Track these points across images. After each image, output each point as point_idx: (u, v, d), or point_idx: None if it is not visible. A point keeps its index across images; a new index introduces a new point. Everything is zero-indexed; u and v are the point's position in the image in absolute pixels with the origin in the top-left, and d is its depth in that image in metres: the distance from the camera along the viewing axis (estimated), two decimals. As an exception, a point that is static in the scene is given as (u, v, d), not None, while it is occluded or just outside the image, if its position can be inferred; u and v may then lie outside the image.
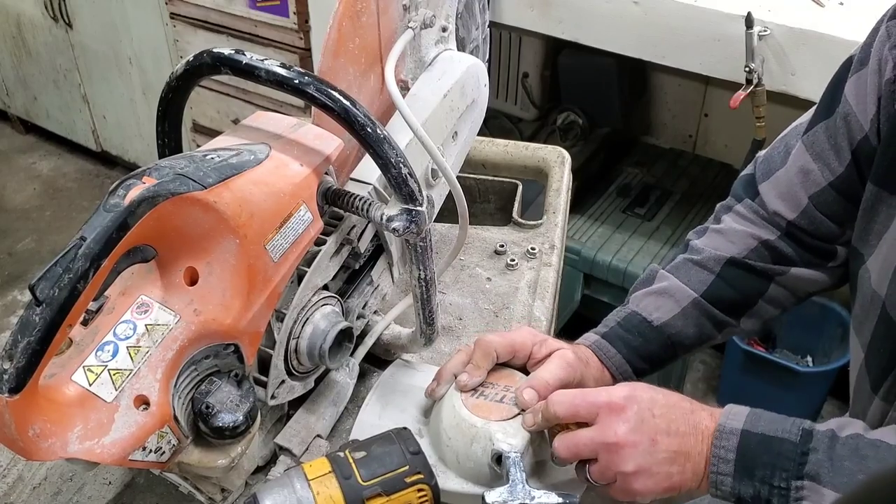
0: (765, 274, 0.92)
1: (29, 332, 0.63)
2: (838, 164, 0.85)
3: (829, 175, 0.86)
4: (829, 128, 0.85)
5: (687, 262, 0.94)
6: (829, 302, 2.06)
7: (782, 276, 0.92)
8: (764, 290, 0.93)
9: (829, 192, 0.86)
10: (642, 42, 1.67)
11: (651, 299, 0.94)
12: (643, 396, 0.75)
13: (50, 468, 0.93)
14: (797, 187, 0.89)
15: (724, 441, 0.73)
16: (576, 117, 2.31)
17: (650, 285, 0.95)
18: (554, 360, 0.84)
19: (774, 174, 0.91)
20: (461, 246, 0.99)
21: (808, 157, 0.87)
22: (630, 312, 0.94)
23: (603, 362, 0.90)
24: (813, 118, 0.88)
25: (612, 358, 0.91)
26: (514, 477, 0.75)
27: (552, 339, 0.89)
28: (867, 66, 0.80)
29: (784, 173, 0.90)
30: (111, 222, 0.66)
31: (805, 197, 0.88)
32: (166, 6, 2.43)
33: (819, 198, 0.88)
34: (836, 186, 0.86)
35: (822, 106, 0.87)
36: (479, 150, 1.35)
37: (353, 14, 0.87)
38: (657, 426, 0.74)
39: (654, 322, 0.92)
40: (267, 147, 0.80)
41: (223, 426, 0.74)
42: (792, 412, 0.76)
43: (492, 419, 0.81)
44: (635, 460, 0.73)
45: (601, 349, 0.91)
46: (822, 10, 1.53)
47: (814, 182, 0.87)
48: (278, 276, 0.77)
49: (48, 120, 3.30)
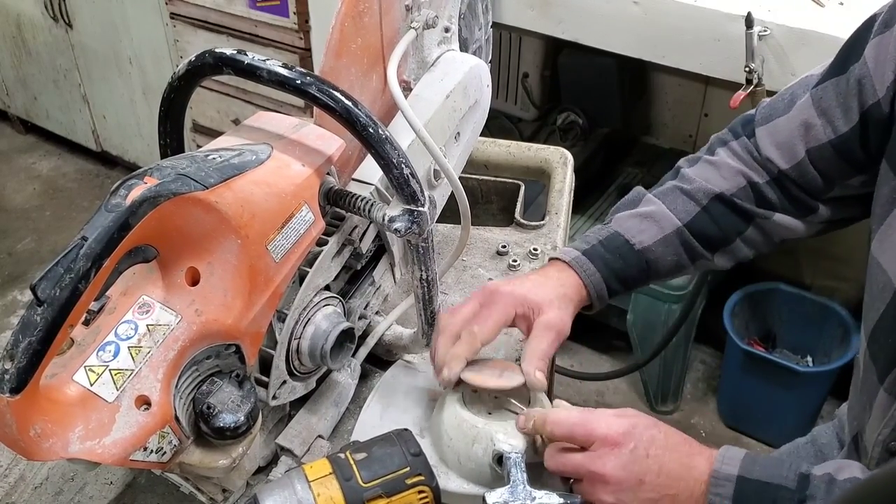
0: (747, 214, 0.92)
1: (30, 332, 0.63)
2: (843, 123, 0.84)
3: (832, 133, 0.85)
4: (840, 85, 0.84)
5: (675, 190, 0.94)
6: (829, 302, 2.06)
7: (763, 220, 0.93)
8: (743, 229, 0.93)
9: (827, 149, 0.86)
10: (642, 42, 1.67)
11: (635, 222, 0.93)
12: (642, 435, 0.73)
13: (51, 468, 0.93)
14: (796, 139, 0.88)
15: (720, 488, 0.71)
16: (576, 117, 2.31)
17: (635, 207, 0.95)
18: (540, 331, 0.84)
19: (774, 120, 0.91)
20: (463, 247, 0.99)
21: (813, 111, 0.86)
22: (613, 233, 0.93)
23: (581, 278, 0.90)
24: (825, 73, 0.87)
25: (591, 276, 0.90)
26: (515, 478, 0.75)
27: (528, 297, 0.87)
28: (891, 30, 0.78)
29: (785, 122, 0.90)
30: (113, 222, 0.66)
31: (802, 150, 0.88)
32: (166, 6, 2.43)
33: (816, 153, 0.87)
34: (837, 145, 0.85)
35: (836, 61, 0.86)
36: (482, 151, 1.35)
37: (356, 14, 0.87)
38: (648, 467, 0.72)
39: (636, 245, 0.92)
40: (269, 147, 0.80)
41: (224, 426, 0.74)
42: (792, 412, 0.76)
43: (491, 406, 0.81)
44: (617, 496, 0.72)
45: (581, 265, 0.91)
46: (822, 10, 1.53)
47: (814, 137, 0.87)
48: (280, 277, 0.77)
49: (48, 120, 3.29)
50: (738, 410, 2.19)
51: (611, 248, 0.92)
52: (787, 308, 2.13)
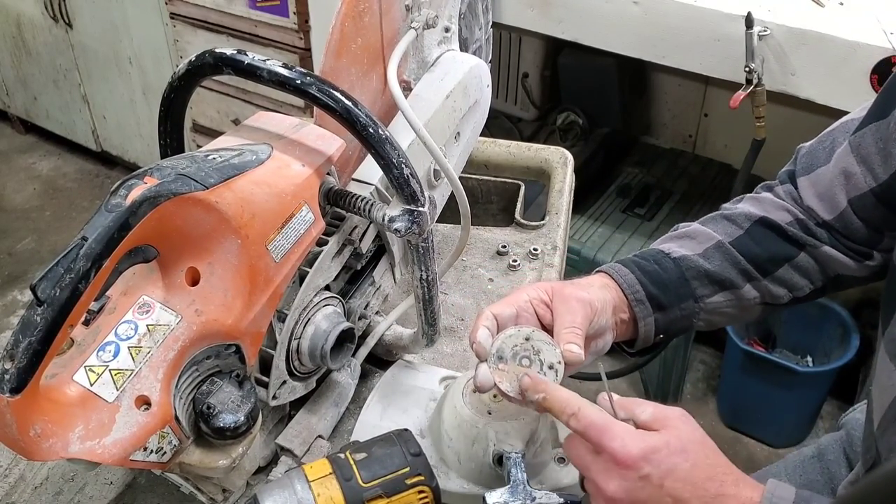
0: (796, 241, 0.87)
1: (30, 332, 0.63)
2: (883, 171, 0.80)
3: (872, 181, 0.82)
4: (881, 131, 0.80)
5: (717, 216, 0.90)
6: (829, 302, 2.06)
7: (814, 249, 0.87)
8: (792, 255, 0.87)
9: (868, 198, 0.82)
10: (642, 42, 1.67)
11: (672, 242, 0.89)
12: (661, 463, 0.65)
13: (51, 468, 0.93)
14: (837, 189, 0.85)
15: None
16: (576, 117, 2.31)
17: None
18: (561, 305, 0.78)
19: (816, 171, 0.87)
20: (463, 247, 0.99)
21: (852, 159, 0.83)
22: (648, 249, 0.90)
23: (616, 280, 0.85)
24: (865, 118, 0.84)
25: (624, 277, 0.85)
26: (515, 477, 0.75)
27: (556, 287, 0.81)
28: None
29: (825, 171, 0.86)
30: (113, 222, 0.66)
31: (844, 200, 0.84)
32: (166, 6, 2.43)
33: (858, 202, 0.84)
34: (878, 194, 0.82)
35: (876, 106, 0.83)
36: (482, 151, 1.35)
37: (356, 14, 0.87)
38: (658, 499, 0.65)
39: (672, 255, 0.87)
40: (269, 147, 0.80)
41: (224, 427, 0.74)
42: (792, 412, 0.74)
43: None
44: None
45: (614, 269, 0.86)
46: (822, 10, 1.53)
47: (855, 186, 0.83)
48: (280, 277, 0.77)
49: (48, 120, 3.30)
50: (737, 410, 2.19)
51: (644, 256, 0.88)
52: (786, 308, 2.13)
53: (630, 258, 0.88)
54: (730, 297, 0.88)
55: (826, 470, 0.97)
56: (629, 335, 0.87)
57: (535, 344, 0.75)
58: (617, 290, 0.84)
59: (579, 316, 0.77)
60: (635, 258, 0.88)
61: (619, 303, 0.84)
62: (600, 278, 0.86)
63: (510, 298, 0.80)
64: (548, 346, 0.75)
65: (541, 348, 0.75)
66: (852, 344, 1.96)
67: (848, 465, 0.96)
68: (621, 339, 0.87)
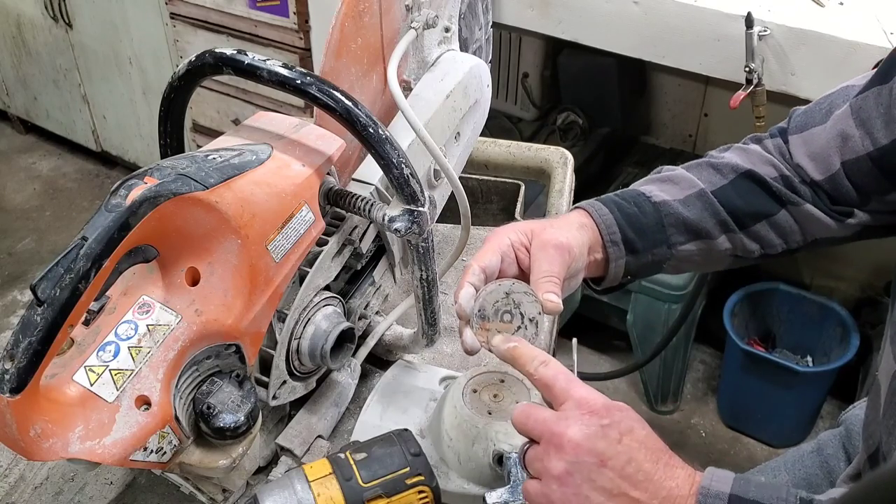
0: (778, 197, 0.87)
1: (30, 332, 0.63)
2: (883, 135, 0.80)
3: (870, 145, 0.81)
4: (882, 95, 0.80)
5: (702, 163, 0.90)
6: (828, 302, 2.06)
7: (795, 207, 0.87)
8: (773, 212, 0.88)
9: (864, 162, 0.82)
10: (642, 42, 1.67)
11: (654, 184, 0.89)
12: (623, 420, 0.65)
13: (51, 468, 0.93)
14: (832, 150, 0.84)
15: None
16: (576, 117, 2.31)
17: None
18: (539, 252, 0.79)
19: (810, 129, 0.87)
20: (463, 247, 0.99)
21: (851, 122, 0.82)
22: (630, 189, 0.89)
23: (594, 220, 0.85)
24: (867, 83, 0.83)
25: (603, 217, 0.85)
26: (515, 477, 0.75)
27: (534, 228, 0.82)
28: None
29: (821, 132, 0.86)
30: (113, 222, 0.66)
31: (838, 162, 0.84)
32: (166, 6, 2.43)
33: (853, 165, 0.83)
34: (875, 158, 0.81)
35: (879, 71, 0.82)
36: (482, 151, 1.35)
37: (356, 14, 0.87)
38: (616, 452, 0.64)
39: (653, 199, 0.87)
40: (269, 147, 0.80)
41: (224, 426, 0.74)
42: (792, 412, 0.74)
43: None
44: (568, 467, 0.64)
45: (594, 208, 0.86)
46: (822, 10, 1.53)
47: (851, 149, 0.83)
48: (280, 277, 0.77)
49: (48, 120, 3.29)
50: (737, 410, 2.19)
51: (625, 197, 0.87)
52: (786, 308, 2.13)
53: (611, 196, 0.88)
54: (702, 246, 0.88)
55: (825, 464, 0.97)
56: (599, 273, 0.88)
57: (515, 297, 0.76)
58: (594, 230, 0.85)
59: (556, 264, 0.78)
60: (616, 197, 0.88)
61: (594, 243, 0.85)
62: (578, 216, 0.86)
63: (493, 244, 0.81)
64: (528, 298, 0.76)
65: (521, 300, 0.76)
66: (852, 344, 1.96)
67: (847, 460, 0.96)
68: (590, 276, 0.88)
